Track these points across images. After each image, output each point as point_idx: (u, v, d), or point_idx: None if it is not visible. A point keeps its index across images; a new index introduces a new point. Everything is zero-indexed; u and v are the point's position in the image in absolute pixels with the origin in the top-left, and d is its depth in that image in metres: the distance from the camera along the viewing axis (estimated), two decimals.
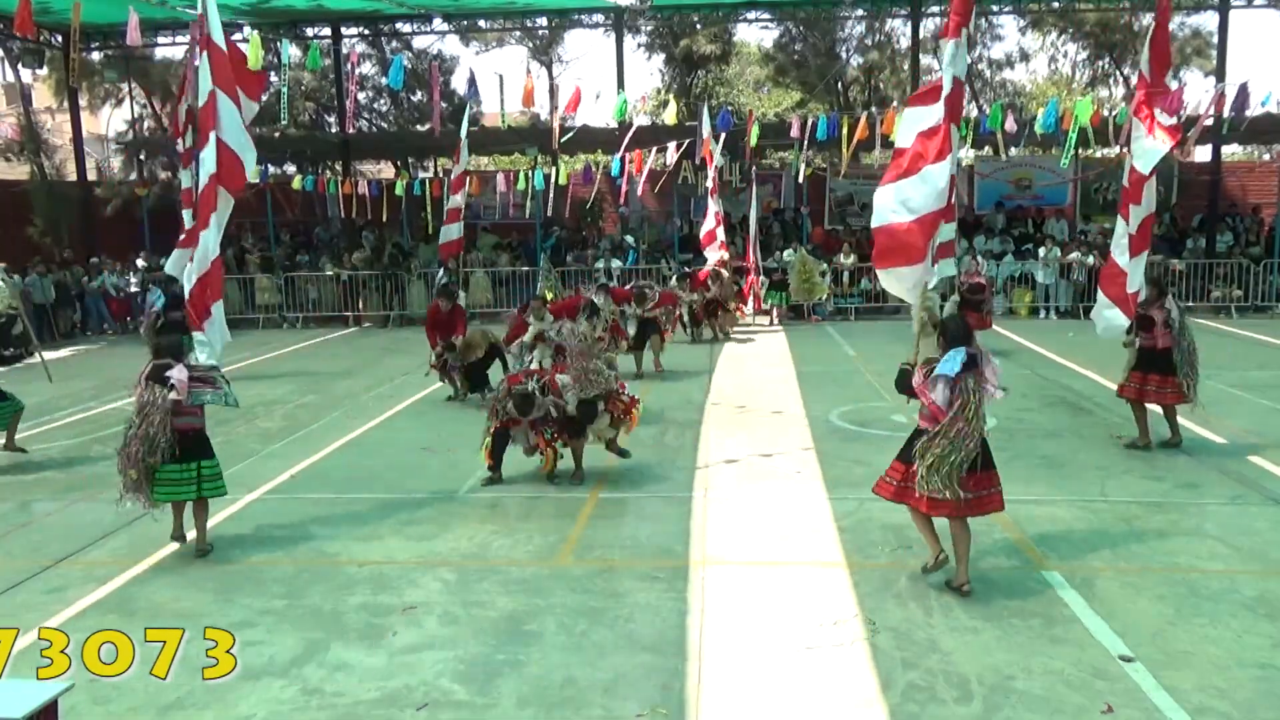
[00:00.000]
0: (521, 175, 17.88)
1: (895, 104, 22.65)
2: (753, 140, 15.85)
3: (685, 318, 15.22)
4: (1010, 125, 16.48)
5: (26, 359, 11.41)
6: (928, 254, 6.45)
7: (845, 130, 16.01)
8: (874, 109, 16.27)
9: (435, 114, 17.39)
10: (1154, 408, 8.83)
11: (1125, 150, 16.33)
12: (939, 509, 5.65)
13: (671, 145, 16.79)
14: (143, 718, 4.52)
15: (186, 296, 7.73)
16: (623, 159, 17.07)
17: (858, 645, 5.03)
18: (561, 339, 8.91)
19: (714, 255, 16.32)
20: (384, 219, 20.01)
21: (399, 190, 19.06)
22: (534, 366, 8.63)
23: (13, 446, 9.27)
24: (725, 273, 15.68)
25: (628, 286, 13.52)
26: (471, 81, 16.44)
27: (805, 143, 16.68)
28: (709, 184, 16.59)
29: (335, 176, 22.19)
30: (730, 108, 18.70)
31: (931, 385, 5.56)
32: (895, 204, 6.51)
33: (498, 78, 15.41)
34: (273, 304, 20.43)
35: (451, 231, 16.30)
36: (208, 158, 7.49)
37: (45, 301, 18.59)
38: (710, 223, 16.50)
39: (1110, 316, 8.53)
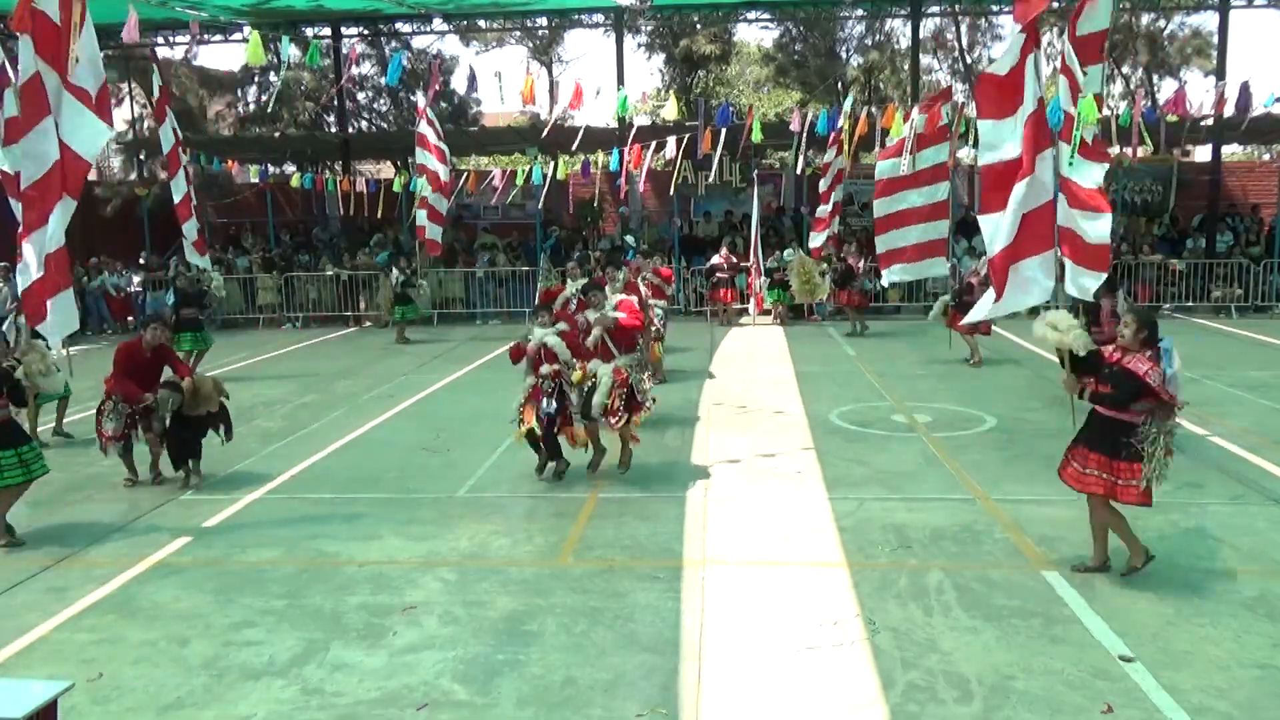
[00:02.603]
0: (520, 171, 17.83)
1: (894, 101, 22.60)
2: (755, 135, 15.80)
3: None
4: None
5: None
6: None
7: (846, 124, 15.93)
8: (874, 109, 16.20)
9: (431, 95, 17.28)
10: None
11: (1125, 151, 16.35)
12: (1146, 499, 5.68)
13: (671, 140, 16.75)
14: (142, 717, 4.51)
15: (19, 294, 7.31)
16: (622, 153, 17.02)
17: (858, 645, 5.03)
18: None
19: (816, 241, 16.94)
20: (379, 214, 19.91)
21: (396, 187, 19.04)
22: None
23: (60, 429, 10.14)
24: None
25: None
26: (472, 76, 16.41)
27: (804, 138, 16.62)
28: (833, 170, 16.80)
29: (335, 176, 22.19)
30: (731, 107, 18.63)
31: (1170, 382, 5.57)
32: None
33: (496, 75, 15.33)
34: (273, 304, 20.44)
35: (436, 232, 16.70)
36: (38, 145, 6.90)
37: None
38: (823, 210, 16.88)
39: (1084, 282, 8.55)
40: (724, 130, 16.15)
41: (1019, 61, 6.76)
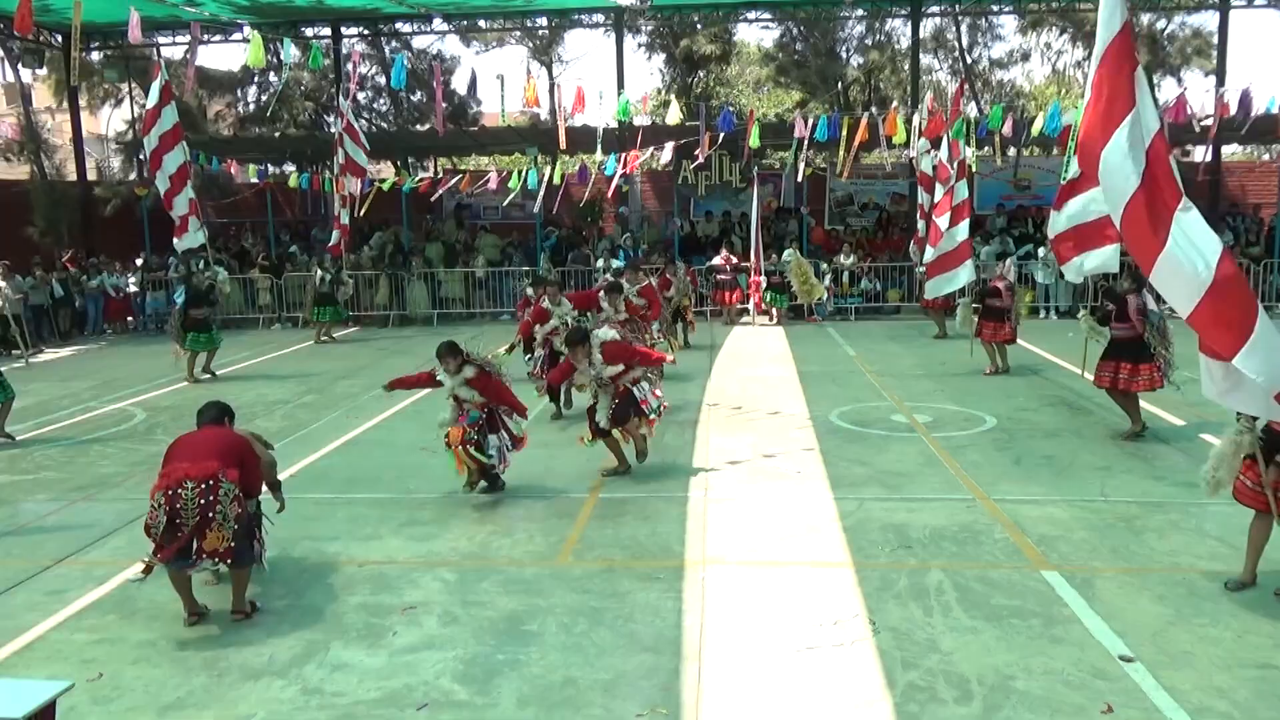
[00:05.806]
0: (515, 173, 17.81)
1: (895, 104, 22.60)
2: (754, 141, 15.76)
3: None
4: (1008, 130, 16.48)
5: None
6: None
7: (845, 131, 15.95)
8: (874, 109, 16.22)
9: (438, 114, 17.39)
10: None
11: None
12: None
13: (669, 146, 16.76)
14: (142, 718, 4.51)
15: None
16: (619, 159, 16.99)
17: (858, 645, 5.03)
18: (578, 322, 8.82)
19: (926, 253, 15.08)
20: (362, 213, 19.85)
21: (386, 186, 19.01)
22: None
23: (2, 433, 9.98)
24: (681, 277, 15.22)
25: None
26: (472, 81, 16.44)
27: (806, 142, 16.61)
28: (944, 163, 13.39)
29: (332, 175, 22.14)
30: (731, 108, 18.63)
31: None
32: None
33: (499, 80, 15.31)
34: (272, 304, 20.41)
35: (333, 235, 17.21)
36: None
37: (42, 303, 18.59)
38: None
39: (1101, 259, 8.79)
40: (724, 134, 16.14)
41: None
